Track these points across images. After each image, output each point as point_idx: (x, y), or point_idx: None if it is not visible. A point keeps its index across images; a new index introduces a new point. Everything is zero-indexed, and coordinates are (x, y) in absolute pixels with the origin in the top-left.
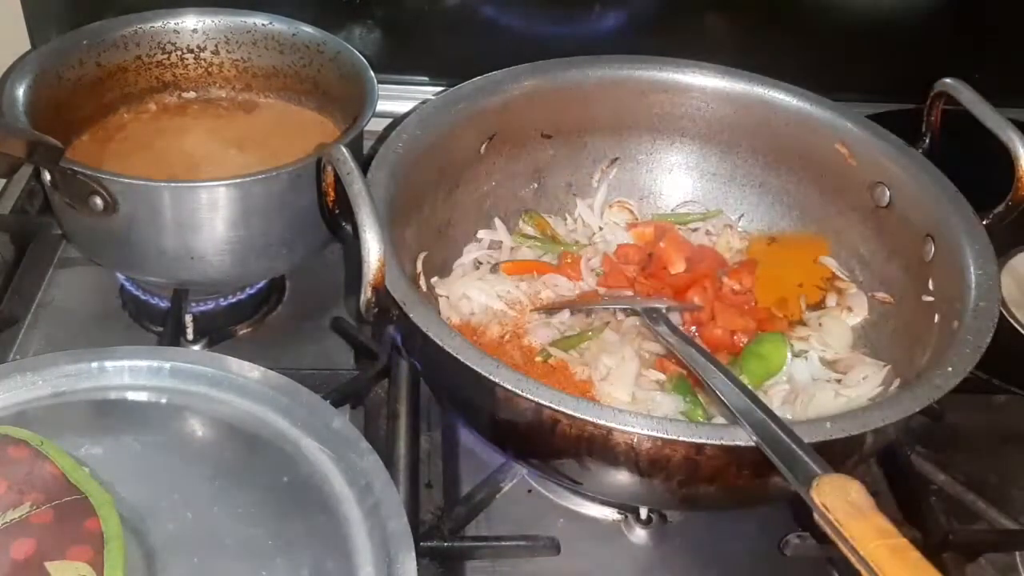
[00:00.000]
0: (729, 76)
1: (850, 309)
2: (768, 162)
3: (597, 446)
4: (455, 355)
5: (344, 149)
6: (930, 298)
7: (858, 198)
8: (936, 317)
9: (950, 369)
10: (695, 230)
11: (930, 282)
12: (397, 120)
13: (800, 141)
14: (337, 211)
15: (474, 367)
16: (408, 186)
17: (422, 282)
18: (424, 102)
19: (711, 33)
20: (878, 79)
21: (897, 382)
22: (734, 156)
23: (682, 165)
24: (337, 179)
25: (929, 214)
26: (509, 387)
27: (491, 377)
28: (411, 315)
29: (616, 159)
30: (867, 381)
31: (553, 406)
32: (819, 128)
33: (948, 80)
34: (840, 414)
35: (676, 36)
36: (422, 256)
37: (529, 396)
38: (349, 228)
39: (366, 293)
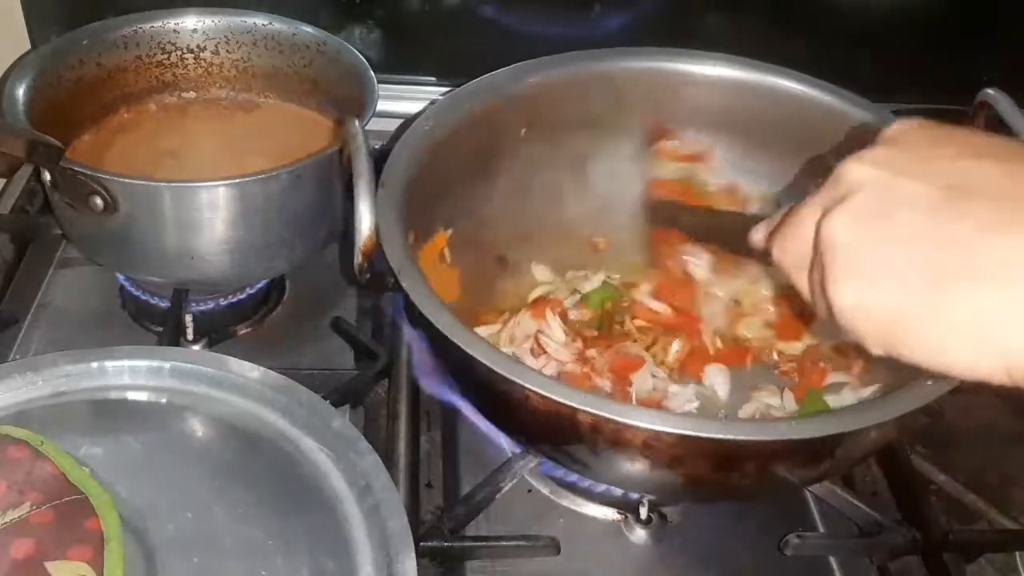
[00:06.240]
0: (748, 67)
1: None
2: (782, 152)
3: (603, 434)
4: (443, 331)
5: (357, 123)
6: None
7: None
8: None
9: None
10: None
11: None
12: (409, 121)
13: (819, 134)
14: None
15: (466, 348)
16: (434, 165)
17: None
18: (449, 91)
19: (713, 33)
20: (886, 78)
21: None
22: (755, 149)
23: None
24: None
25: None
26: (499, 371)
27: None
28: (403, 284)
29: None
30: None
31: (546, 394)
32: (832, 119)
33: (990, 91)
34: (840, 411)
35: (678, 36)
36: (448, 232)
37: (515, 379)
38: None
39: (358, 258)
